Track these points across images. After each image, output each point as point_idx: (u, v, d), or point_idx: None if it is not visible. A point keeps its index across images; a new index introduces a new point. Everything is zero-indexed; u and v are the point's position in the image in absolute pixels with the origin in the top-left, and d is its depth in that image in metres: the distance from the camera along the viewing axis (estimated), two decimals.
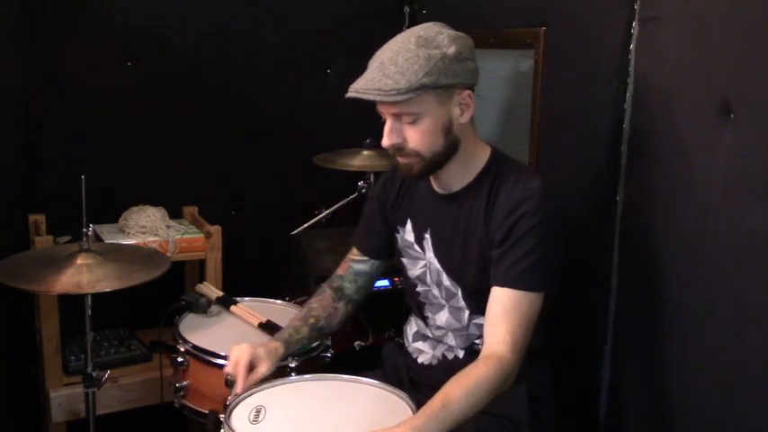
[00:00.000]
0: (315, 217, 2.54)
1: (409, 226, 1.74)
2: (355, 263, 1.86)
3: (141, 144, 2.58)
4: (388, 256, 1.85)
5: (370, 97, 1.49)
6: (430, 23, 1.57)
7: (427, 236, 1.70)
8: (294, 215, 2.57)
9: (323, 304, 1.84)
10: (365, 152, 2.48)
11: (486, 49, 2.29)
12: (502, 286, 1.54)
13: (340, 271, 1.87)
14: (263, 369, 1.62)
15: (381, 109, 1.55)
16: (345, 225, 2.55)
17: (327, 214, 2.53)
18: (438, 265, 1.69)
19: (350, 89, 1.53)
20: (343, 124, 2.78)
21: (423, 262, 1.73)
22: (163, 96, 2.60)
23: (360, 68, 3.14)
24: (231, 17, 2.65)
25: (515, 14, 2.21)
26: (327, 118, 2.82)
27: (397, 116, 1.54)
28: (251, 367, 1.61)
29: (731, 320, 1.45)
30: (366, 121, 2.80)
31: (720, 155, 1.46)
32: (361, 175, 2.49)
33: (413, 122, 1.53)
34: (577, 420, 1.94)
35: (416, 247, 1.73)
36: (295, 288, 2.39)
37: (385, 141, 1.57)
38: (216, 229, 2.40)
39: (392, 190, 1.80)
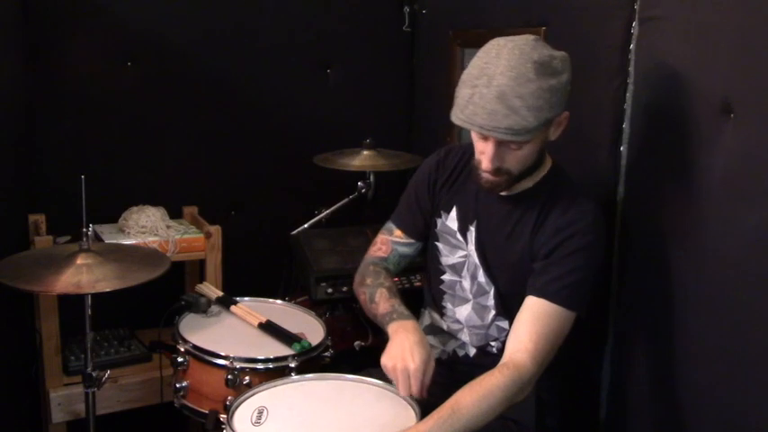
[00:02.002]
0: (315, 217, 2.54)
1: (454, 214, 1.73)
2: (400, 246, 1.83)
3: (141, 144, 2.58)
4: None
5: (499, 136, 1.43)
6: (529, 39, 1.47)
7: (472, 228, 1.69)
8: (294, 215, 2.57)
9: (391, 282, 1.77)
10: (365, 152, 2.48)
11: None
12: (537, 296, 1.52)
13: (381, 253, 1.84)
14: (432, 369, 1.55)
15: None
16: (345, 225, 2.55)
17: (327, 214, 2.53)
18: (477, 260, 1.68)
19: (468, 119, 1.44)
20: (344, 124, 2.80)
21: (463, 252, 1.72)
22: (163, 96, 2.60)
23: (360, 68, 3.15)
24: (231, 17, 2.65)
25: (515, 14, 2.22)
26: (327, 118, 2.83)
27: (505, 142, 1.49)
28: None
29: (731, 320, 1.45)
30: (366, 121, 2.83)
31: (720, 155, 1.46)
32: (361, 175, 2.49)
33: (519, 148, 1.50)
34: (578, 421, 1.94)
35: (459, 237, 1.72)
36: (295, 288, 2.39)
37: (487, 165, 1.52)
38: (216, 229, 2.40)
39: (443, 173, 1.77)
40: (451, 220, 1.74)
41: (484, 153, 1.52)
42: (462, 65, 2.55)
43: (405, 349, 1.52)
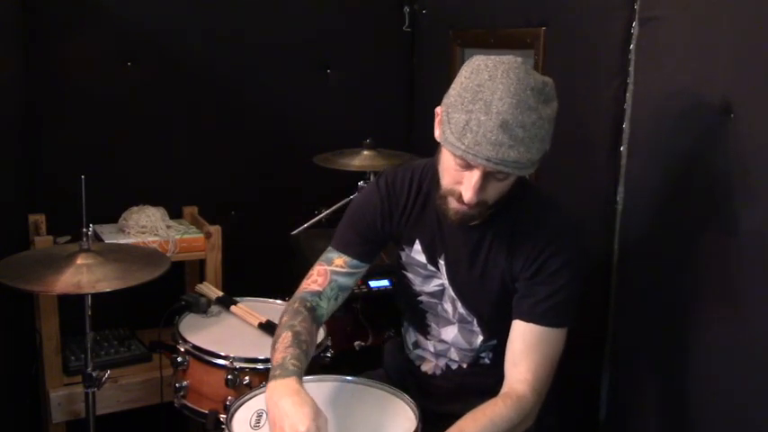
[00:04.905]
0: (315, 217, 2.54)
1: (418, 246, 1.61)
2: (340, 276, 1.62)
3: (141, 144, 2.59)
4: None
5: (506, 170, 1.31)
6: (518, 61, 1.34)
7: (441, 261, 1.59)
8: (294, 215, 2.57)
9: (306, 327, 1.51)
10: (365, 152, 2.48)
11: (486, 48, 2.29)
12: (527, 321, 1.47)
13: (316, 287, 1.61)
14: (325, 423, 1.32)
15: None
16: None
17: (327, 214, 2.53)
18: (453, 293, 1.60)
19: (471, 150, 1.29)
20: (343, 124, 2.80)
21: (439, 281, 1.62)
22: (163, 96, 2.60)
23: (360, 68, 3.14)
24: (231, 17, 2.65)
25: (515, 14, 2.21)
26: (327, 118, 2.83)
27: (492, 173, 1.35)
28: None
29: (731, 320, 1.45)
30: (366, 121, 2.83)
31: (720, 155, 1.46)
32: (361, 175, 2.49)
33: (504, 179, 1.38)
34: (578, 421, 1.94)
35: (431, 267, 1.61)
36: (295, 288, 2.38)
37: (472, 198, 1.36)
38: (216, 229, 2.40)
39: (396, 202, 1.62)
40: (417, 253, 1.62)
41: (465, 184, 1.36)
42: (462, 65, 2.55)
43: (283, 415, 1.28)
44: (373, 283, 2.28)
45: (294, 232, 2.51)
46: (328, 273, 1.62)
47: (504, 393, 1.45)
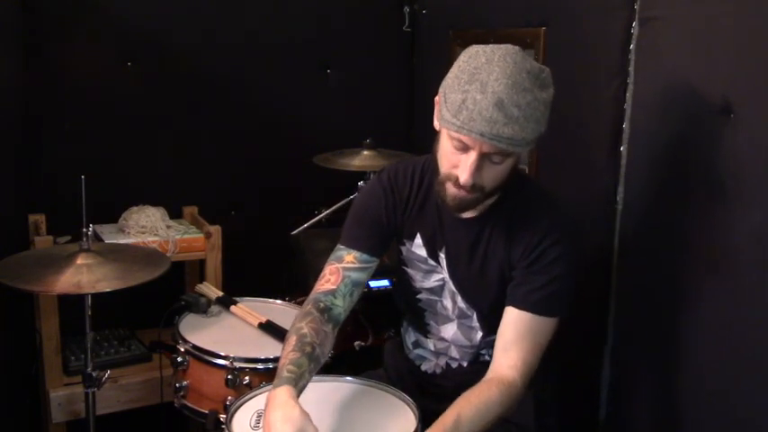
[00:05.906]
0: (315, 217, 2.54)
1: (419, 240, 1.63)
2: (353, 272, 1.60)
3: (141, 144, 2.58)
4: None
5: (500, 146, 1.33)
6: (515, 48, 1.39)
7: (442, 255, 1.61)
8: (294, 215, 2.57)
9: (314, 327, 1.49)
10: (365, 152, 2.48)
11: None
12: (520, 309, 1.49)
13: (329, 286, 1.58)
14: None
15: (476, 143, 1.36)
16: None
17: (327, 214, 2.53)
18: (453, 287, 1.62)
19: (465, 125, 1.32)
20: (343, 124, 2.80)
21: (439, 276, 1.64)
22: (163, 96, 2.60)
23: (360, 68, 3.14)
24: (231, 17, 2.65)
25: (515, 14, 2.22)
26: (327, 118, 2.83)
27: (488, 155, 1.38)
28: None
29: (731, 320, 1.45)
30: (366, 121, 2.83)
31: (720, 155, 1.47)
32: (361, 175, 2.49)
33: (500, 162, 1.40)
34: (578, 420, 1.94)
35: (431, 262, 1.63)
36: (295, 288, 2.39)
37: (467, 180, 1.38)
38: (216, 229, 2.40)
39: (399, 196, 1.64)
40: (417, 247, 1.64)
41: (461, 166, 1.39)
42: None
43: (270, 427, 1.27)
44: (373, 283, 2.27)
45: (294, 232, 2.51)
46: (340, 270, 1.61)
47: (495, 378, 1.46)
